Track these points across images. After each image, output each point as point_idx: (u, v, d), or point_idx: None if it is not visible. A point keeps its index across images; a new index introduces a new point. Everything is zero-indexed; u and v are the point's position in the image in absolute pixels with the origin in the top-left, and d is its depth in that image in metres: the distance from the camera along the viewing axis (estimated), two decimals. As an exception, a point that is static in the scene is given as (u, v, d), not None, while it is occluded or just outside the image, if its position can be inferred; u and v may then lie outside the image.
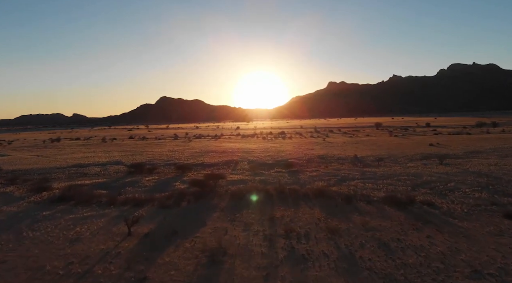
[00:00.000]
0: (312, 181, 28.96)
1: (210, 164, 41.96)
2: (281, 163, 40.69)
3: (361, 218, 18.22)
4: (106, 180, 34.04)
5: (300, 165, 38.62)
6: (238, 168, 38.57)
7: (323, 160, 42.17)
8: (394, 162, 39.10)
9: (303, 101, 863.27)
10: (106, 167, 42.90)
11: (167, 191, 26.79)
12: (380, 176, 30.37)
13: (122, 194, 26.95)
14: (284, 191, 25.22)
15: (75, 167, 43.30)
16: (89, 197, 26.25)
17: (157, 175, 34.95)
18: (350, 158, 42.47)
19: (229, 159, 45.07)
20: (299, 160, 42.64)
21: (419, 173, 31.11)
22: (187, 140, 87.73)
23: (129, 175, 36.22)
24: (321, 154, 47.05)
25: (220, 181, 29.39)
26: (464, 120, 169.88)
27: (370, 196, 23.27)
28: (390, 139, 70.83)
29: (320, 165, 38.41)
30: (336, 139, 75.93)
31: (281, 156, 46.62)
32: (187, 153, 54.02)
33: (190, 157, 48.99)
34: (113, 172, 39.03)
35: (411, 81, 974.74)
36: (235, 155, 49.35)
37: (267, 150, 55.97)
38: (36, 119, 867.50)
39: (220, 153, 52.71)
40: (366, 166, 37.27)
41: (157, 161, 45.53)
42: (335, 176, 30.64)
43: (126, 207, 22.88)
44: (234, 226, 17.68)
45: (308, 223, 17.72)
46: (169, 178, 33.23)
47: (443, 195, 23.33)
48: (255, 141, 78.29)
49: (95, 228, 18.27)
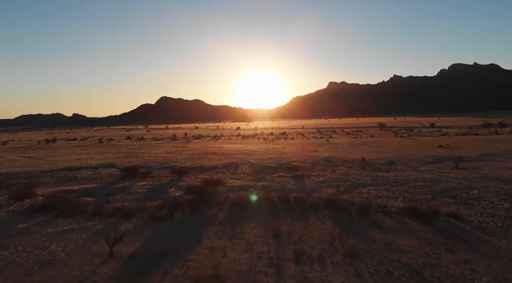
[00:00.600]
0: (319, 188, 26.39)
1: (209, 167, 39.41)
2: (284, 166, 38.14)
3: (382, 236, 15.66)
4: (96, 185, 31.48)
5: (305, 169, 36.06)
6: (238, 172, 36.03)
7: (329, 163, 39.60)
8: (405, 166, 36.51)
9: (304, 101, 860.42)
10: (98, 170, 40.35)
11: (160, 199, 24.22)
12: (393, 181, 27.81)
13: (110, 202, 24.39)
14: (289, 200, 22.66)
15: (65, 171, 40.75)
16: (74, 206, 23.68)
17: (151, 180, 32.39)
18: (358, 161, 39.89)
19: (229, 162, 42.53)
20: (303, 163, 40.07)
21: (435, 179, 28.54)
22: (186, 141, 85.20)
23: (121, 180, 33.66)
24: (326, 156, 44.48)
25: (219, 187, 26.84)
26: (468, 120, 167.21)
27: (387, 206, 20.70)
28: (396, 140, 68.23)
29: (326, 169, 35.84)
30: (340, 140, 73.33)
31: (284, 159, 44.06)
32: (185, 155, 51.47)
33: (188, 159, 46.44)
34: (105, 176, 36.47)
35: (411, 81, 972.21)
36: (235, 157, 46.80)
37: (268, 151, 53.41)
38: (36, 119, 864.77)
39: (219, 155, 50.16)
40: (376, 170, 34.70)
41: (152, 164, 42.97)
42: (345, 182, 28.07)
43: (113, 219, 20.31)
44: (233, 245, 15.12)
45: (321, 241, 15.16)
46: (164, 183, 30.67)
47: (468, 205, 20.76)
48: (256, 142, 75.74)
49: (73, 247, 15.71)
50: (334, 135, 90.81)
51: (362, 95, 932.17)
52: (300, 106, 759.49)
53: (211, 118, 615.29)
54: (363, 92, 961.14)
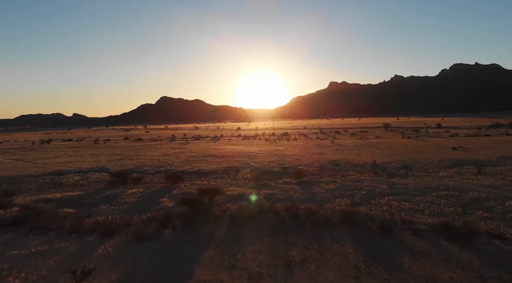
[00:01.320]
0: (331, 197, 23.31)
1: (207, 171, 36.35)
2: (289, 170, 35.07)
3: (419, 266, 12.59)
4: (81, 193, 28.43)
5: (312, 174, 32.99)
6: (239, 177, 32.98)
7: (338, 167, 36.52)
8: (422, 171, 33.42)
9: (304, 101, 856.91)
10: (87, 175, 37.32)
11: (150, 212, 21.17)
12: (413, 190, 24.72)
13: (92, 215, 21.33)
14: (298, 213, 19.57)
15: (52, 175, 37.73)
16: (51, 219, 20.62)
17: (143, 187, 29.32)
18: (368, 165, 36.81)
19: (229, 166, 39.48)
20: (309, 167, 37.01)
21: (460, 187, 25.45)
22: (185, 142, 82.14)
23: (110, 186, 30.60)
24: (333, 160, 41.40)
25: (217, 197, 23.77)
26: (474, 120, 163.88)
27: (414, 223, 17.63)
28: (404, 141, 65.13)
29: (335, 174, 32.76)
30: (345, 141, 70.22)
31: (288, 162, 41.00)
32: (182, 158, 48.41)
33: (185, 162, 43.39)
34: (94, 182, 33.43)
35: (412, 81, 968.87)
36: (235, 160, 43.75)
37: (271, 154, 50.34)
38: (36, 119, 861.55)
39: (219, 158, 47.10)
40: (390, 175, 31.62)
41: (146, 168, 39.92)
42: (359, 190, 24.98)
43: (92, 237, 17.26)
44: (234, 278, 12.04)
45: (344, 274, 12.09)
46: (156, 191, 27.60)
47: (509, 221, 17.68)
48: (257, 143, 72.67)
49: (35, 279, 12.66)
50: (338, 136, 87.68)
51: (363, 95, 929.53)
52: (301, 106, 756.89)
53: (211, 118, 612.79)
54: (364, 92, 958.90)
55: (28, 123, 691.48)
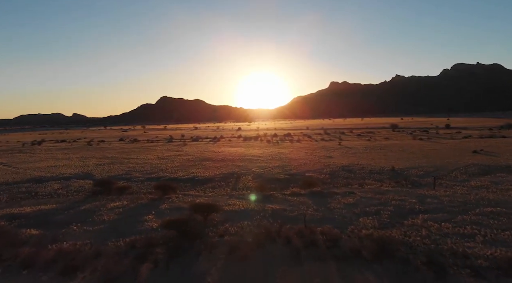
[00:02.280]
0: (353, 215, 19.13)
1: (204, 179, 32.17)
2: (296, 178, 30.91)
3: None
4: (55, 206, 24.26)
5: (324, 183, 28.80)
6: (240, 186, 28.80)
7: (351, 174, 32.31)
8: (450, 179, 29.20)
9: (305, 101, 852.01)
10: (69, 182, 33.18)
11: (129, 235, 17.02)
12: (450, 205, 20.53)
13: (58, 240, 17.18)
14: (316, 241, 15.37)
15: (29, 183, 33.58)
16: (6, 244, 16.55)
17: (128, 199, 25.15)
18: (387, 172, 32.60)
19: (228, 171, 35.32)
20: (319, 173, 32.83)
21: (504, 201, 21.24)
22: (182, 143, 77.96)
23: (90, 198, 26.44)
24: (345, 165, 37.21)
25: (213, 214, 19.57)
26: (482, 121, 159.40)
27: (468, 256, 13.45)
28: (417, 143, 60.88)
29: (351, 183, 28.56)
30: (353, 142, 65.97)
31: (294, 167, 36.84)
32: (177, 162, 44.24)
33: (180, 167, 39.22)
34: (73, 192, 29.27)
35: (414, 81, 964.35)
36: (236, 165, 39.59)
37: (274, 157, 46.15)
38: (36, 119, 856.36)
39: (217, 162, 42.94)
40: (415, 185, 27.42)
41: (136, 174, 35.76)
42: (384, 205, 20.78)
43: (47, 277, 13.14)
44: None
45: None
46: (142, 205, 23.42)
47: None
48: (259, 145, 68.49)
49: None
50: (344, 137, 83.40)
51: (364, 95, 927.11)
52: (302, 106, 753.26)
53: (212, 118, 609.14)
54: (365, 92, 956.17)
55: (27, 123, 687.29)
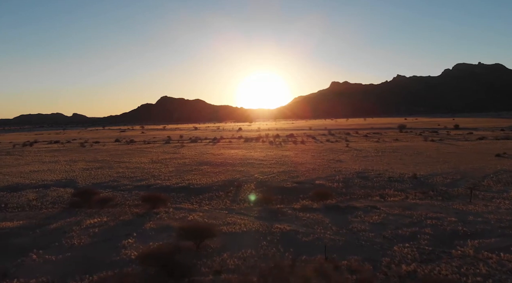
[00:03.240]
0: (384, 242, 15.18)
1: (200, 187, 28.23)
2: (306, 187, 26.98)
3: None
4: (22, 223, 20.32)
5: (338, 193, 24.86)
6: (241, 198, 24.86)
7: (368, 182, 28.35)
8: (483, 189, 25.23)
9: (306, 101, 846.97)
10: (47, 191, 29.24)
11: (98, 270, 13.11)
12: (499, 225, 16.60)
13: (7, 276, 13.31)
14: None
15: (3, 191, 29.64)
16: None
17: (108, 214, 21.22)
18: (407, 179, 28.62)
19: (227, 178, 31.38)
20: (331, 181, 28.88)
21: None
22: (180, 145, 73.94)
23: (65, 212, 22.51)
24: (358, 171, 33.24)
25: (208, 240, 15.60)
26: (489, 121, 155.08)
27: None
28: (430, 145, 56.83)
29: (370, 194, 24.59)
30: (362, 144, 61.94)
31: (301, 173, 32.89)
32: (172, 166, 40.32)
33: (174, 173, 35.30)
34: (49, 203, 25.35)
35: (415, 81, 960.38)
36: (236, 171, 35.66)
37: (279, 161, 42.20)
38: (36, 119, 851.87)
39: (216, 167, 39.02)
40: (445, 196, 23.45)
41: (124, 181, 31.83)
42: (419, 227, 16.82)
43: None
44: None
45: None
46: (124, 222, 19.48)
47: None
48: (261, 146, 64.51)
49: None
50: (351, 138, 79.28)
51: (365, 95, 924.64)
52: (303, 106, 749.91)
53: (212, 118, 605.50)
54: (366, 92, 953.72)
55: (27, 123, 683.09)
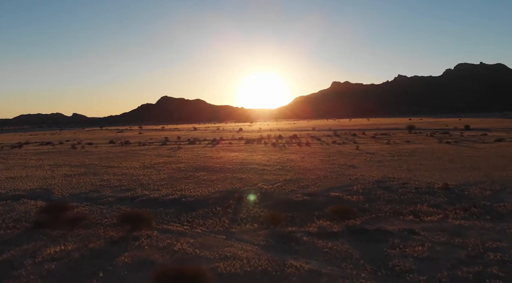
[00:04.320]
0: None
1: (193, 201, 23.87)
2: (320, 200, 22.65)
3: None
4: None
5: (361, 209, 20.48)
6: (241, 216, 20.48)
7: (393, 194, 23.97)
8: (538, 205, 20.79)
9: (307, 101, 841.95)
10: (15, 204, 24.91)
11: None
12: None
13: None
14: None
15: (-37, 204, 25.29)
16: None
17: (76, 239, 16.93)
18: (439, 191, 24.24)
19: (226, 188, 27.05)
20: (348, 192, 24.52)
21: None
22: (176, 147, 69.55)
23: (26, 235, 18.22)
24: (378, 179, 28.88)
25: None
26: (498, 121, 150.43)
27: None
28: (447, 148, 52.36)
29: (399, 210, 20.17)
30: (372, 146, 57.53)
31: (312, 182, 28.52)
32: (164, 173, 35.98)
33: (166, 181, 30.96)
34: (11, 221, 20.95)
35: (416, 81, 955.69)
36: (237, 178, 31.31)
37: (284, 167, 37.86)
38: (35, 119, 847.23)
39: (214, 173, 34.68)
40: (494, 215, 19.06)
41: (107, 191, 27.47)
42: (482, 263, 12.46)
43: None
44: None
45: None
46: (92, 253, 15.14)
47: None
48: (263, 149, 60.17)
49: None
50: (358, 139, 74.79)
51: (366, 95, 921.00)
52: (303, 106, 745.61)
53: (213, 118, 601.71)
54: (367, 92, 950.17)
55: (26, 123, 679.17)
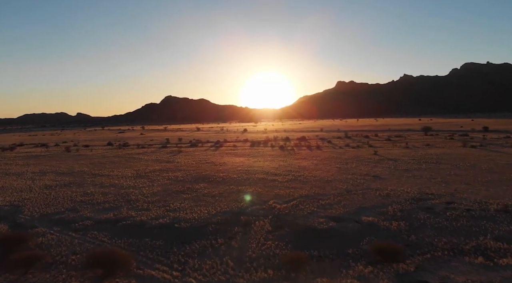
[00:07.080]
0: None
1: (188, 228, 19.00)
2: (350, 228, 17.73)
3: None
4: None
5: (405, 243, 15.49)
6: (250, 255, 15.60)
7: (439, 218, 18.93)
8: None
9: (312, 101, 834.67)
10: (-31, 228, 20.18)
11: None
12: None
13: None
14: None
15: None
16: None
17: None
18: (498, 215, 19.20)
19: (231, 209, 22.19)
20: (384, 216, 19.53)
21: None
22: (177, 149, 64.76)
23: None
24: (414, 196, 23.85)
25: None
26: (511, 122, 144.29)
27: None
28: (475, 153, 47.00)
29: (458, 245, 15.16)
30: (391, 151, 52.27)
31: (335, 200, 23.57)
32: (158, 184, 31.17)
33: (159, 197, 26.13)
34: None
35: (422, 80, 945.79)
36: (243, 193, 26.43)
37: (298, 176, 32.89)
38: (40, 118, 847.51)
39: (216, 186, 29.82)
40: None
41: (86, 212, 22.69)
42: None
43: None
44: None
45: None
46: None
47: None
48: (271, 153, 55.22)
49: None
50: (372, 142, 69.35)
51: (372, 94, 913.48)
52: (308, 106, 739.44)
53: (217, 118, 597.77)
54: (373, 92, 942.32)
55: (30, 122, 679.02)
